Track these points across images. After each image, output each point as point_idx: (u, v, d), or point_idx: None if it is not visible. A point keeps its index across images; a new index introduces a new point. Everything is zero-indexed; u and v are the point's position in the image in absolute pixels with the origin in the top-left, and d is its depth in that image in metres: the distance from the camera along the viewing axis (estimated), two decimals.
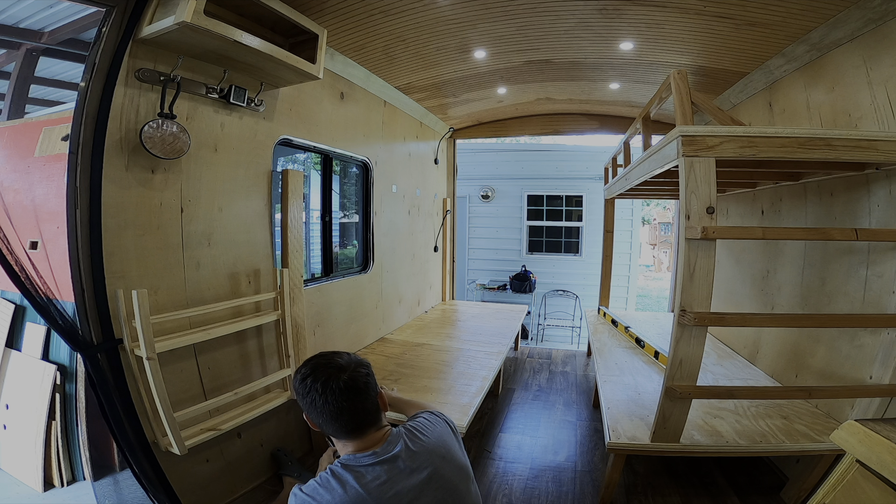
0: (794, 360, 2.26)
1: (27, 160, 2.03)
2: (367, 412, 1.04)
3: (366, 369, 1.07)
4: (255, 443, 2.20)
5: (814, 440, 1.76)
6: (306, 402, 1.03)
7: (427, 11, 2.17)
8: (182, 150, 1.74)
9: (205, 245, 1.93)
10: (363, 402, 1.03)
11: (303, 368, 1.06)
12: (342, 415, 1.01)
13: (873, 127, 1.78)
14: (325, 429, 1.05)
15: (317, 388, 1.00)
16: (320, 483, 0.99)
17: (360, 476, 0.97)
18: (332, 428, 1.04)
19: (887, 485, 0.79)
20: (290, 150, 2.99)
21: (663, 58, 2.64)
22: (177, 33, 1.53)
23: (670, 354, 1.67)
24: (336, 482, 0.97)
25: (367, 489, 0.95)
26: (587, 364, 4.13)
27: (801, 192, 2.29)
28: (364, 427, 1.04)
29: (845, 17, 1.82)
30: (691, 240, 1.55)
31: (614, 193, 3.51)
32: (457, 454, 1.09)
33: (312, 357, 1.09)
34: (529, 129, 4.68)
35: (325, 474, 1.01)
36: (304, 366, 1.07)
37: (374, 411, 1.06)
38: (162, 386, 1.61)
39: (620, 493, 2.14)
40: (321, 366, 1.04)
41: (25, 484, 1.96)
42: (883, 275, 1.75)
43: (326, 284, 2.80)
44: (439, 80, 3.22)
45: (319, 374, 1.02)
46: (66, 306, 1.54)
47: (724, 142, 1.56)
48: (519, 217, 7.19)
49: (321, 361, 1.06)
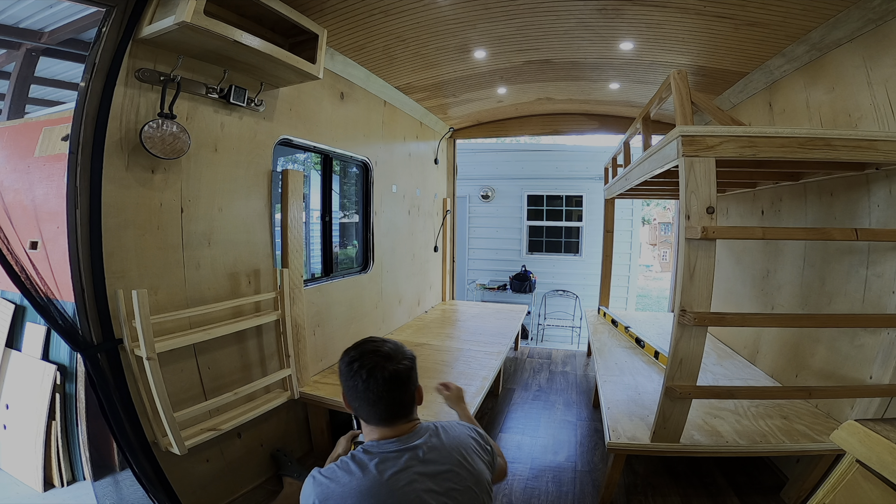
0: (794, 360, 2.26)
1: (27, 160, 2.03)
2: (403, 404, 1.06)
3: (410, 362, 1.08)
4: (255, 443, 2.20)
5: (814, 440, 1.76)
6: (348, 384, 1.05)
7: (427, 11, 2.17)
8: (182, 150, 1.74)
9: (205, 245, 1.93)
10: (402, 394, 1.05)
11: (352, 352, 1.08)
12: (379, 403, 1.03)
13: (873, 127, 1.78)
14: (359, 412, 1.07)
15: (361, 374, 1.02)
16: (340, 466, 1.02)
17: (380, 462, 0.99)
18: (366, 413, 1.06)
19: (887, 485, 0.78)
20: (290, 150, 2.98)
21: (663, 58, 2.65)
22: (177, 33, 1.54)
23: (670, 354, 1.67)
24: (356, 466, 1.00)
25: (384, 476, 0.97)
26: (587, 364, 4.13)
27: (801, 192, 2.29)
28: (397, 417, 1.06)
29: (845, 17, 1.82)
30: (691, 240, 1.55)
31: (614, 193, 3.51)
32: (475, 460, 1.09)
33: (362, 341, 1.11)
34: (529, 129, 4.68)
35: (346, 458, 1.03)
36: (354, 349, 1.08)
37: (410, 404, 1.08)
38: (162, 386, 1.61)
39: (620, 493, 2.14)
40: (369, 352, 1.06)
41: (25, 484, 1.96)
42: (883, 275, 1.75)
43: (326, 284, 2.80)
44: (439, 80, 3.22)
45: (366, 360, 1.04)
46: (66, 306, 1.54)
47: (724, 142, 1.56)
48: (519, 217, 7.19)
49: (370, 348, 1.07)
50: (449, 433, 1.10)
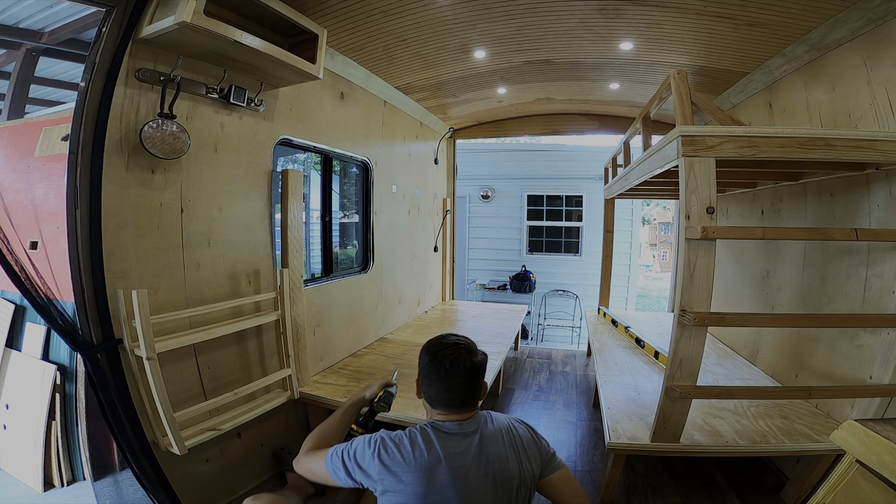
0: (794, 360, 2.26)
1: (27, 160, 2.03)
2: (473, 394, 1.18)
3: (485, 357, 1.22)
4: (255, 443, 2.20)
5: (814, 440, 1.76)
6: (429, 369, 1.18)
7: (427, 11, 2.17)
8: (182, 150, 1.74)
9: (205, 245, 1.93)
10: (474, 386, 1.18)
11: (439, 341, 1.21)
12: (456, 390, 1.15)
13: (873, 127, 1.78)
14: (432, 395, 1.19)
15: (445, 363, 1.15)
16: (407, 435, 1.12)
17: (445, 440, 1.11)
18: (438, 398, 1.17)
19: (887, 485, 0.78)
20: (290, 150, 2.99)
21: (663, 58, 2.65)
22: (177, 33, 1.53)
23: (670, 354, 1.67)
24: (422, 438, 1.11)
25: (446, 453, 1.09)
26: (587, 364, 4.13)
27: (801, 192, 2.29)
28: (464, 405, 1.18)
29: (845, 17, 1.82)
30: (691, 240, 1.55)
31: (614, 193, 3.51)
32: (507, 454, 1.15)
33: (448, 334, 1.24)
34: (529, 129, 4.68)
35: (414, 430, 1.14)
36: (442, 339, 1.22)
37: (477, 395, 1.20)
38: (162, 386, 1.61)
39: (620, 493, 2.13)
40: (452, 345, 1.19)
41: (25, 484, 1.96)
42: (883, 275, 1.75)
43: (326, 284, 2.80)
44: (439, 80, 3.22)
45: (450, 351, 1.17)
46: (66, 306, 1.54)
47: (724, 142, 1.56)
48: (519, 217, 7.19)
49: (453, 340, 1.21)
50: (497, 420, 1.21)
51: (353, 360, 2.87)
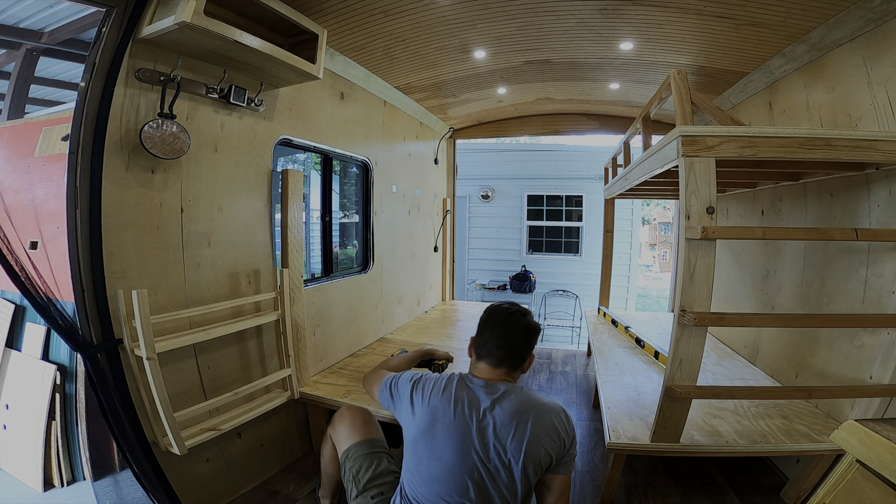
0: (794, 360, 2.26)
1: (27, 160, 2.04)
2: (516, 354, 1.28)
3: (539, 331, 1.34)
4: (256, 443, 2.20)
5: (814, 440, 1.76)
6: (485, 317, 1.32)
7: (427, 11, 2.17)
8: (182, 150, 1.74)
9: (205, 245, 1.93)
10: (523, 348, 1.29)
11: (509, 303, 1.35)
12: (502, 340, 1.26)
13: (873, 127, 1.77)
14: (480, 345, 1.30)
15: (502, 314, 1.29)
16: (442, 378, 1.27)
17: (464, 391, 1.22)
18: (486, 347, 1.28)
19: (887, 485, 0.78)
20: (290, 150, 2.99)
21: (663, 58, 2.64)
22: (177, 33, 1.53)
23: (670, 354, 1.67)
24: (446, 383, 1.25)
25: (458, 398, 1.20)
26: (587, 364, 4.13)
27: (801, 192, 2.29)
28: (502, 363, 1.26)
29: (845, 17, 1.82)
30: (691, 240, 1.55)
31: (614, 193, 3.51)
32: (514, 430, 1.18)
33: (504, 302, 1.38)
34: (529, 129, 4.68)
35: (452, 375, 1.28)
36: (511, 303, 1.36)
37: (520, 360, 1.29)
38: (162, 386, 1.61)
39: (620, 493, 2.14)
40: (514, 304, 1.35)
41: (25, 484, 1.96)
42: (883, 275, 1.75)
43: (326, 284, 2.80)
44: (439, 80, 3.22)
45: (509, 306, 1.32)
46: (66, 306, 1.54)
47: (724, 142, 1.56)
48: (519, 217, 7.19)
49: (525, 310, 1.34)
50: (522, 400, 1.22)
51: (354, 360, 2.87)
